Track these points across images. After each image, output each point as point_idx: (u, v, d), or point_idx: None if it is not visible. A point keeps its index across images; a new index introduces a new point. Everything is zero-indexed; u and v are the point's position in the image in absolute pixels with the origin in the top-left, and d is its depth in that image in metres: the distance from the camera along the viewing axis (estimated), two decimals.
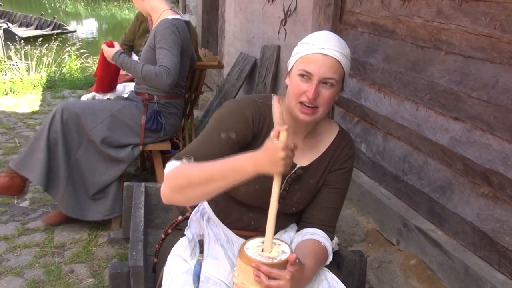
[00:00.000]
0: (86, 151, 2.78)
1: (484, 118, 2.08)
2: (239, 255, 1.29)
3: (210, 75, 6.07)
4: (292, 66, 1.46)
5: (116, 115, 2.83)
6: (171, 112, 3.01)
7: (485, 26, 2.05)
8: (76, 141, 2.77)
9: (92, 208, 2.82)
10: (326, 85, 1.40)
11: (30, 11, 17.97)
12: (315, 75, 1.38)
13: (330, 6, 3.14)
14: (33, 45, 8.24)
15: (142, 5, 3.00)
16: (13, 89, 6.12)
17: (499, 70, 1.99)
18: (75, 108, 2.77)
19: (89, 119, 2.75)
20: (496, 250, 2.04)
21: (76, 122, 2.75)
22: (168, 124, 3.00)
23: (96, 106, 2.86)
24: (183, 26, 2.90)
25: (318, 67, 1.38)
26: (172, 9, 2.97)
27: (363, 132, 2.99)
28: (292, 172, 1.53)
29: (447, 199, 2.32)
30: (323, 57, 1.38)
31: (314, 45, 1.40)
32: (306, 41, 1.44)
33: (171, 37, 2.78)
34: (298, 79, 1.41)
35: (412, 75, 2.51)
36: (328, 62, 1.38)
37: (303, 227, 1.59)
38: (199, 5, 6.76)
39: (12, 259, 2.60)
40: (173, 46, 2.77)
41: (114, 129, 2.80)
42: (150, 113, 2.90)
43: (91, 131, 2.74)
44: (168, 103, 2.99)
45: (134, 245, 1.66)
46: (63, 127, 2.73)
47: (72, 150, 2.78)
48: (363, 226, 2.87)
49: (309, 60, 1.39)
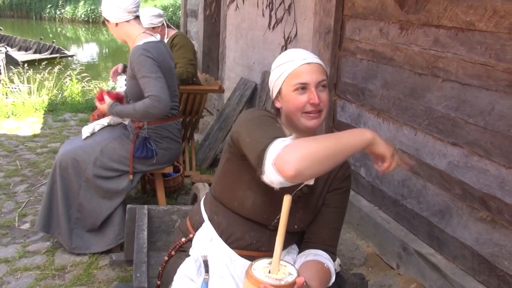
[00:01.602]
0: (86, 191, 2.82)
1: (481, 144, 2.12)
2: (247, 276, 1.31)
3: (210, 99, 6.15)
4: (279, 88, 1.53)
5: (107, 148, 2.83)
6: (163, 136, 2.93)
7: (481, 55, 2.11)
8: (76, 184, 2.81)
9: (97, 240, 2.89)
10: (321, 88, 1.51)
11: (31, 36, 18.20)
12: (310, 83, 1.48)
13: (329, 33, 3.22)
14: (36, 69, 8.34)
15: (117, 32, 2.90)
16: (14, 112, 6.18)
17: (495, 97, 2.05)
18: (71, 153, 2.81)
19: (83, 159, 2.79)
20: (495, 275, 2.06)
21: (75, 166, 2.80)
22: (161, 148, 2.93)
23: (88, 144, 2.86)
24: (156, 47, 2.79)
25: (310, 75, 1.49)
26: (145, 32, 2.87)
27: (362, 156, 3.03)
28: (298, 189, 1.57)
29: (446, 223, 2.35)
30: (309, 66, 1.50)
31: (294, 61, 1.51)
32: (282, 62, 1.53)
33: (147, 62, 2.68)
34: (294, 94, 1.49)
35: (410, 101, 2.57)
36: (315, 68, 1.51)
37: (305, 248, 1.62)
38: (200, 31, 6.89)
39: (12, 281, 2.60)
40: (152, 70, 2.68)
41: (106, 162, 2.81)
42: (139, 141, 2.85)
43: (86, 170, 2.79)
44: (159, 127, 2.92)
45: (138, 266, 1.68)
46: (61, 172, 2.80)
47: (73, 194, 2.83)
48: (362, 250, 2.88)
49: (298, 74, 1.49)
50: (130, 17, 2.84)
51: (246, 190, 1.54)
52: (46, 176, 4.09)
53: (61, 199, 2.81)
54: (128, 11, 2.81)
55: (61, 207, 2.81)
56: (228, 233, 1.62)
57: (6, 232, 3.13)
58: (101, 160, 2.80)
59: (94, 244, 2.89)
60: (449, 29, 2.28)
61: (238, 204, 1.55)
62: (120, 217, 2.87)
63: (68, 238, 2.83)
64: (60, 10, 31.74)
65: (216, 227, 1.65)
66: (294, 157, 1.25)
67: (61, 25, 29.05)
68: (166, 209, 2.21)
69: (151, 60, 2.69)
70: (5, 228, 3.18)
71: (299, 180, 1.31)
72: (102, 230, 2.90)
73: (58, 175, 2.80)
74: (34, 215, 3.35)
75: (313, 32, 3.44)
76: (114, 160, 2.82)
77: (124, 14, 2.81)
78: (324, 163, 1.28)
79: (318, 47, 3.33)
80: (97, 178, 2.79)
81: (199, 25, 6.96)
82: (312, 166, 1.27)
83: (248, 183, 1.53)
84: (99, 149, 2.81)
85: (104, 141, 2.85)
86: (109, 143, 2.84)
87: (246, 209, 1.57)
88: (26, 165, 4.37)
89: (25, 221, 3.30)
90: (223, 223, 1.62)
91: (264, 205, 1.54)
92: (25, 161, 4.46)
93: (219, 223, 1.63)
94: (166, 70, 2.83)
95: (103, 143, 2.84)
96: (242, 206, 1.56)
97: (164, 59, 2.83)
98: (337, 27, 3.20)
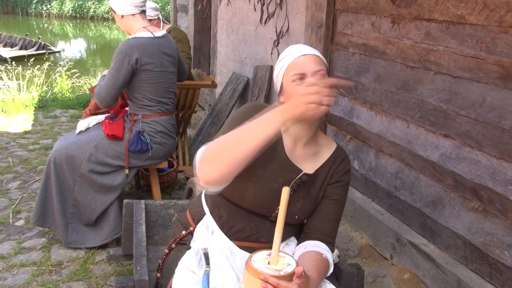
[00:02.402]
0: (81, 186, 2.83)
1: (472, 135, 2.17)
2: (246, 268, 1.34)
3: (202, 94, 6.15)
4: (281, 82, 1.56)
5: (101, 143, 2.84)
6: (157, 130, 2.94)
7: (472, 48, 2.15)
8: (70, 179, 2.82)
9: (93, 235, 2.90)
10: (321, 76, 1.51)
11: (17, 32, 18.00)
12: (307, 72, 1.50)
13: (321, 27, 3.25)
14: (24, 65, 8.27)
15: (122, 24, 2.97)
16: (4, 109, 6.13)
17: (486, 89, 2.09)
18: (65, 149, 2.82)
19: (78, 155, 2.80)
20: (487, 263, 2.11)
21: (69, 162, 2.80)
22: (156, 143, 2.94)
23: (83, 139, 2.87)
24: (142, 44, 2.82)
25: (306, 65, 1.51)
26: (146, 27, 2.91)
27: (356, 149, 3.07)
28: (298, 178, 1.60)
29: (438, 213, 2.39)
30: (305, 57, 1.53)
31: (291, 54, 1.54)
32: (281, 58, 1.58)
33: (117, 60, 2.78)
34: (293, 85, 1.50)
35: (402, 94, 2.61)
36: (311, 59, 1.53)
37: (304, 239, 1.65)
38: (191, 26, 6.87)
39: (9, 277, 2.61)
40: (114, 69, 2.79)
41: (101, 158, 2.82)
42: (133, 135, 2.87)
43: (80, 166, 2.79)
44: (153, 121, 2.94)
45: (138, 260, 1.70)
46: (55, 167, 2.81)
47: (67, 190, 2.84)
48: (356, 241, 2.92)
49: (295, 65, 1.52)
50: (136, 11, 2.92)
51: (246, 182, 1.57)
52: (38, 173, 4.07)
53: (55, 195, 2.81)
54: (135, 5, 2.90)
55: (56, 202, 2.81)
56: (229, 226, 1.65)
57: (1, 229, 3.12)
58: (95, 155, 2.81)
59: (89, 238, 2.90)
60: (440, 22, 2.32)
61: (239, 196, 1.58)
62: (116, 212, 2.88)
63: (63, 232, 2.85)
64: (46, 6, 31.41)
65: (217, 219, 1.67)
66: (200, 163, 1.40)
67: (48, 21, 28.73)
68: (163, 203, 2.23)
69: (122, 59, 2.77)
70: (0, 225, 3.17)
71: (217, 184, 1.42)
72: (97, 225, 2.91)
73: (53, 171, 2.80)
74: (28, 212, 3.35)
75: (305, 26, 3.46)
76: (109, 155, 2.83)
77: (130, 8, 2.89)
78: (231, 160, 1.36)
79: (311, 41, 3.36)
80: (92, 174, 2.80)
81: (190, 20, 6.95)
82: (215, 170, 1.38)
83: (247, 176, 1.55)
84: (93, 144, 2.82)
85: (99, 137, 2.85)
86: (103, 138, 2.84)
87: (247, 201, 1.59)
88: (18, 162, 4.35)
89: (19, 217, 3.29)
90: (224, 216, 1.65)
91: (265, 196, 1.57)
92: (17, 158, 4.44)
93: (220, 215, 1.66)
94: (154, 67, 2.87)
95: (98, 139, 2.84)
96: (243, 198, 1.58)
97: (150, 56, 2.85)
98: (329, 21, 3.22)
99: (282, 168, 1.60)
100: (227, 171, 1.39)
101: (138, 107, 2.95)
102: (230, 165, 1.38)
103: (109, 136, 2.83)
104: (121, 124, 2.88)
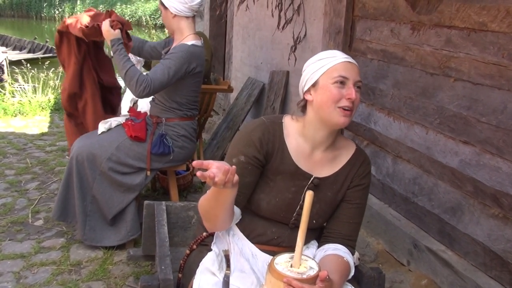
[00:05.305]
0: (100, 184, 2.85)
1: (493, 142, 2.17)
2: (269, 270, 1.35)
3: (216, 99, 6.18)
4: (315, 81, 1.58)
5: (124, 144, 2.87)
6: (179, 134, 2.98)
7: (493, 55, 2.16)
8: (90, 177, 2.85)
9: (110, 234, 2.92)
10: (357, 88, 1.56)
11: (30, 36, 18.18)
12: (350, 79, 1.54)
13: (340, 33, 3.27)
14: (40, 68, 8.37)
15: (170, 22, 2.95)
16: (22, 111, 6.22)
17: (507, 96, 2.09)
18: (87, 147, 2.85)
19: (99, 153, 2.83)
20: (507, 270, 2.11)
21: (90, 159, 2.83)
22: (177, 147, 2.97)
23: (105, 138, 2.89)
24: (198, 53, 2.89)
25: (351, 72, 1.55)
26: (195, 34, 2.95)
27: (373, 155, 3.07)
28: (310, 183, 1.61)
29: (457, 220, 2.39)
30: (350, 64, 1.57)
31: (336, 57, 1.57)
32: (323, 57, 1.59)
33: (178, 62, 2.76)
34: (334, 86, 1.53)
35: (421, 100, 2.62)
36: (355, 68, 1.57)
37: (325, 242, 1.66)
38: (206, 31, 6.92)
39: (29, 276, 2.64)
40: (172, 68, 2.74)
41: (122, 158, 2.85)
42: (156, 138, 2.90)
43: (101, 164, 2.82)
44: (177, 124, 2.98)
45: (162, 259, 1.72)
46: (77, 164, 2.84)
47: (87, 187, 2.86)
48: (373, 247, 2.93)
49: (340, 68, 1.55)
50: (190, 14, 2.93)
51: (260, 193, 1.63)
52: (56, 174, 4.12)
53: (76, 191, 2.84)
54: (191, 8, 2.90)
55: (77, 198, 2.84)
56: (250, 229, 1.67)
57: (20, 229, 3.17)
58: (117, 155, 2.84)
59: (106, 237, 2.91)
60: (461, 29, 2.33)
61: (255, 207, 1.64)
62: (133, 214, 2.91)
63: (81, 229, 2.87)
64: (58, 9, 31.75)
65: (238, 223, 1.69)
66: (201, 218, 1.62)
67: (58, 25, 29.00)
68: (183, 205, 2.26)
69: (181, 62, 2.77)
70: (19, 225, 3.22)
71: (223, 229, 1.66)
72: (115, 225, 2.93)
73: (74, 167, 2.83)
74: (47, 212, 3.39)
75: (323, 32, 3.48)
76: (130, 156, 2.86)
77: (186, 10, 2.89)
78: (215, 218, 1.55)
79: (328, 47, 3.38)
80: (112, 172, 2.83)
81: (205, 25, 6.99)
82: (209, 224, 1.60)
83: (259, 187, 1.62)
84: (115, 145, 2.85)
85: (121, 137, 2.88)
86: (125, 139, 2.87)
87: (263, 211, 1.64)
88: (36, 163, 4.41)
89: (38, 217, 3.33)
90: (246, 220, 1.67)
91: (279, 206, 1.62)
92: (34, 159, 4.50)
93: (241, 219, 1.68)
94: (200, 76, 2.97)
95: (120, 139, 2.87)
96: (258, 208, 1.64)
97: (200, 64, 2.92)
98: (348, 28, 3.25)
99: (293, 177, 1.63)
100: (220, 223, 1.57)
101: (163, 110, 2.96)
102: (218, 220, 1.55)
103: (132, 137, 2.86)
104: (143, 126, 2.91)
